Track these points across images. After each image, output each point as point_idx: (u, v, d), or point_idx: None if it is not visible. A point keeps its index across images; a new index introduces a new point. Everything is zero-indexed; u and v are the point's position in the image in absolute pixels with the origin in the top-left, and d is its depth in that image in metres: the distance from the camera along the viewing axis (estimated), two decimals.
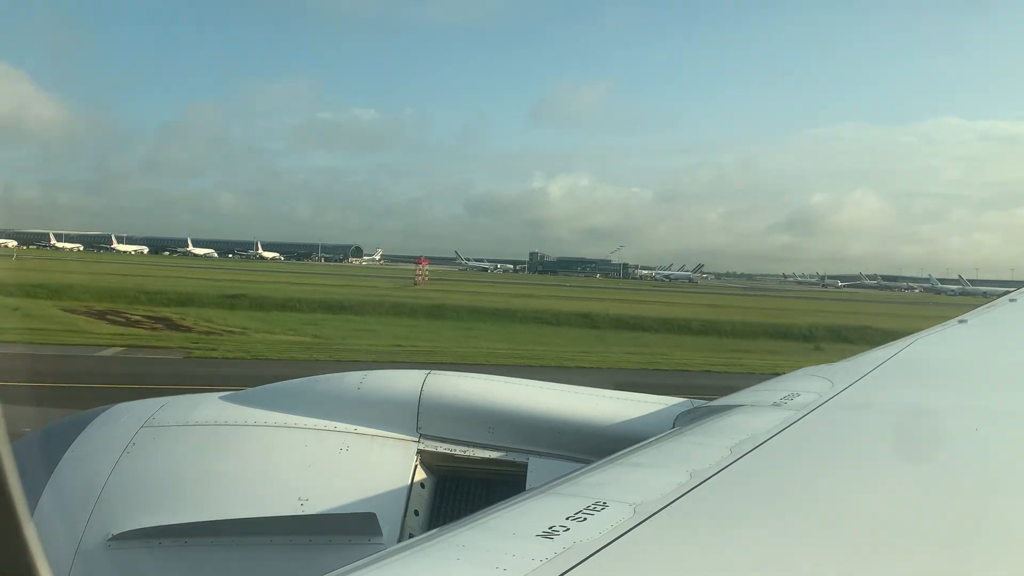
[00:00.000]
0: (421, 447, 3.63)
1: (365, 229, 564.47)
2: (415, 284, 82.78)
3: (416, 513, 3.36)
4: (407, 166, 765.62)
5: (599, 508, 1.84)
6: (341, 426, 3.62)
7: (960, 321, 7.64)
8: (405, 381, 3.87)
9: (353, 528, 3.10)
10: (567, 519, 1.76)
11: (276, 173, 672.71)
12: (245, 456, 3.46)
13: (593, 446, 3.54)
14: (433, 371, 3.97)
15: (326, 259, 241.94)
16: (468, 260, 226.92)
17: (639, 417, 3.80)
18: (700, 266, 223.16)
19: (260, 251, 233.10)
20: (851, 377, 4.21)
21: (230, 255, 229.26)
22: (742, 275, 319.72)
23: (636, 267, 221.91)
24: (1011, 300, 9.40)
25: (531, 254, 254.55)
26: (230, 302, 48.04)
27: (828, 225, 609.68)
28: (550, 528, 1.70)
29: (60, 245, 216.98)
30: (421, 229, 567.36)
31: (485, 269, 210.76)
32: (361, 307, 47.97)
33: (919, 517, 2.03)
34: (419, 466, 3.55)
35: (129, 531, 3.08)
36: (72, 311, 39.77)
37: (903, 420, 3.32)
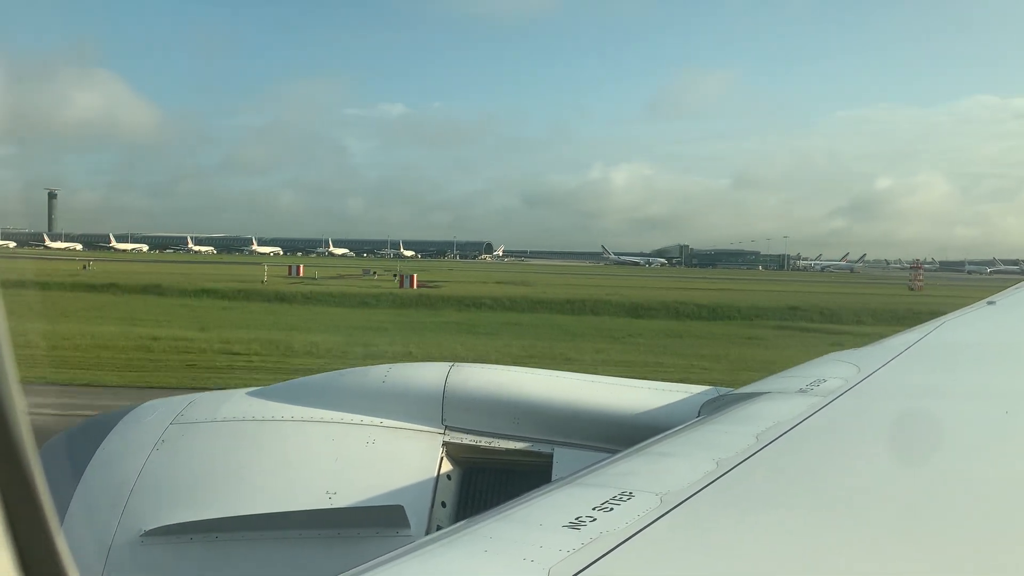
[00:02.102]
0: (447, 439, 3.64)
1: (407, 223, 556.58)
2: (910, 290, 78.09)
3: (443, 504, 3.38)
4: (482, 160, 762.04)
5: (625, 498, 1.82)
6: (367, 419, 3.64)
7: (988, 303, 7.71)
8: (430, 374, 3.87)
9: (381, 520, 3.12)
10: (593, 509, 1.74)
11: (353, 169, 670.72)
12: (273, 451, 3.48)
13: (618, 436, 3.51)
14: (457, 363, 3.95)
15: (460, 256, 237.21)
16: (618, 255, 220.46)
17: (664, 406, 3.76)
18: (862, 256, 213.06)
19: (401, 250, 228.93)
20: (878, 362, 4.16)
21: (364, 254, 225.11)
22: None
23: (797, 258, 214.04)
24: None
25: (680, 247, 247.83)
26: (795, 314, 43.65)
27: (886, 210, 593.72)
28: (577, 519, 1.68)
29: (197, 249, 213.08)
30: (470, 222, 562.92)
31: (637, 263, 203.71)
32: None
33: (949, 502, 1.99)
34: (445, 458, 3.57)
35: (160, 527, 3.10)
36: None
37: (931, 404, 3.24)
